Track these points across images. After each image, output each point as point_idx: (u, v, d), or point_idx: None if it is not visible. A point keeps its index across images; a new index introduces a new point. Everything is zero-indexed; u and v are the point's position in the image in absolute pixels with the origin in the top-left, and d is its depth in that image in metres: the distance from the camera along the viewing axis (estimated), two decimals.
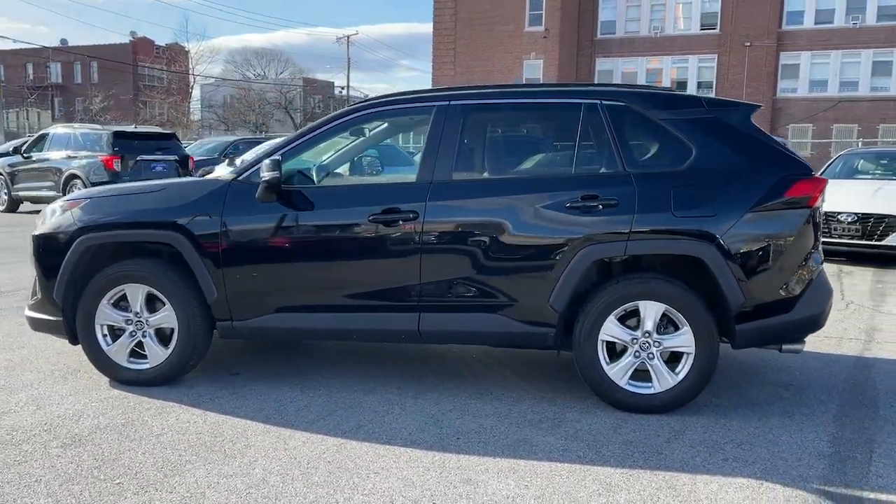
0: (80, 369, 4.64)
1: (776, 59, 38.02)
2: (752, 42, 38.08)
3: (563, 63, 40.64)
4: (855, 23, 36.56)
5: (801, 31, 37.71)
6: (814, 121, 37.84)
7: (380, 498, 3.00)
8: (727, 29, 38.70)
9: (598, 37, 42.02)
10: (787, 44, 37.91)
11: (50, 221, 4.42)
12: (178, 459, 3.35)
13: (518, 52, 40.94)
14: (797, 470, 3.27)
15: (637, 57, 41.26)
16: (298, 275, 4.15)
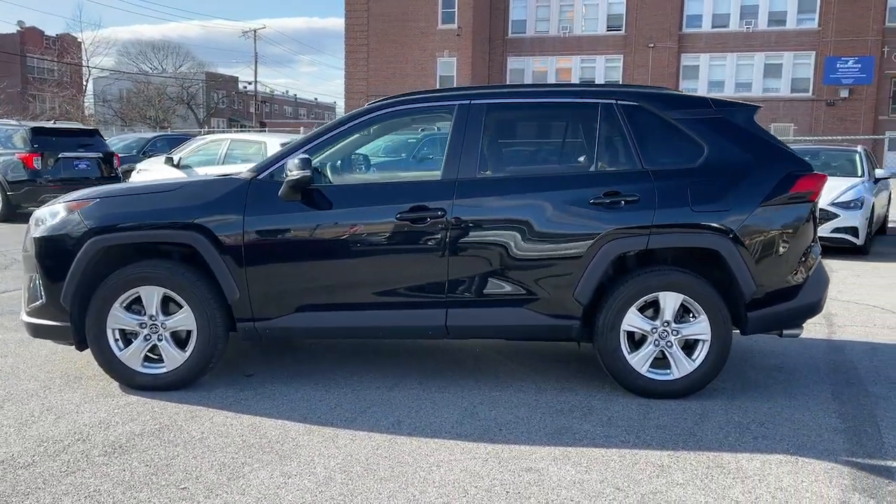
0: (80, 376, 4.47)
1: (678, 61, 39.75)
2: (655, 44, 39.67)
3: (477, 61, 41.14)
4: (748, 27, 38.66)
5: (700, 34, 39.57)
6: None
7: (453, 489, 3.07)
8: (632, 31, 40.17)
9: (509, 35, 42.72)
10: (688, 46, 39.70)
11: (53, 222, 4.23)
12: (233, 462, 3.31)
13: (432, 50, 41.15)
14: (822, 444, 3.55)
15: (547, 56, 42.23)
16: (323, 273, 4.14)
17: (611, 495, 3.02)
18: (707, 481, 3.15)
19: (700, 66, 39.68)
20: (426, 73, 41.29)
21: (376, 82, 42.02)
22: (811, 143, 18.16)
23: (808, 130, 36.92)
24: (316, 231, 4.12)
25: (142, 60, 63.47)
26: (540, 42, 42.24)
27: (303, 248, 4.13)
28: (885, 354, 5.14)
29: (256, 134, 11.95)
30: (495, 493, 3.04)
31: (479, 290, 4.12)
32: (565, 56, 41.83)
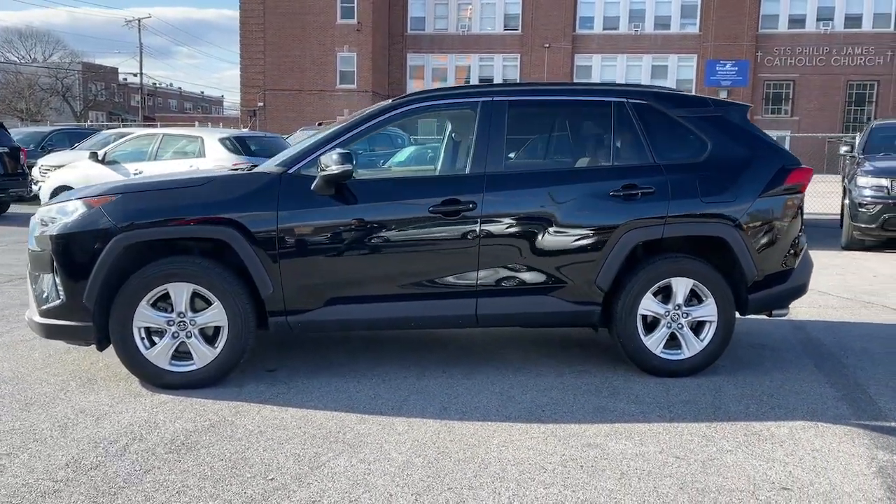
0: (93, 378, 4.34)
1: (572, 61, 41.19)
2: (550, 44, 40.96)
3: (377, 57, 41.10)
4: (636, 30, 40.59)
5: (592, 35, 41.18)
6: None
7: (530, 466, 3.25)
8: (528, 31, 41.29)
9: (408, 32, 42.93)
10: (581, 47, 41.23)
11: (71, 219, 4.08)
12: (306, 453, 3.35)
13: (331, 45, 40.75)
14: (830, 411, 3.96)
15: (447, 53, 42.73)
16: (356, 266, 4.21)
17: (674, 464, 3.28)
18: (751, 447, 3.47)
19: (593, 67, 41.27)
20: (326, 67, 40.88)
21: (274, 76, 41.25)
22: None
23: None
24: (349, 224, 4.18)
25: (8, 49, 59.34)
26: (440, 39, 42.68)
27: (336, 242, 4.18)
28: (840, 330, 5.70)
29: (193, 129, 11.60)
30: (570, 467, 3.24)
31: (508, 279, 4.30)
32: (464, 54, 42.48)
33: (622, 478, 3.14)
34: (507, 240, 4.28)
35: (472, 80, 42.35)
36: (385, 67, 42.78)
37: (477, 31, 42.33)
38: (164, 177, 4.59)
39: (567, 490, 3.02)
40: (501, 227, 4.26)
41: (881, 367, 4.74)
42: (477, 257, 4.25)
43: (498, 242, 4.26)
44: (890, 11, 38.04)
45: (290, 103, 41.38)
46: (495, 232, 4.25)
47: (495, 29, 42.24)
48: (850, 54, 38.48)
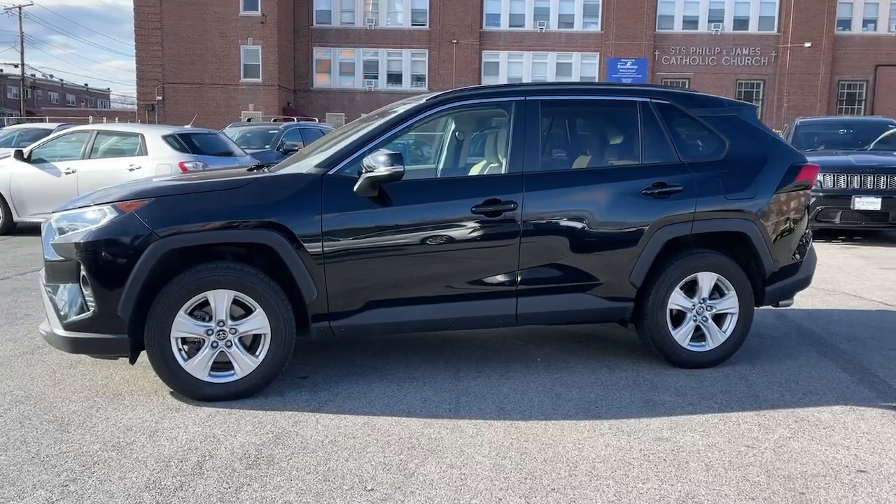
0: (118, 392, 4.10)
1: (480, 57, 41.65)
2: (458, 40, 41.24)
3: (283, 50, 40.24)
4: (541, 28, 41.46)
5: (499, 32, 41.76)
6: None
7: (616, 462, 3.31)
8: (436, 26, 41.41)
9: (314, 25, 42.22)
10: (488, 43, 41.73)
11: (100, 225, 3.82)
12: (391, 461, 3.28)
13: (234, 37, 39.58)
14: (856, 394, 4.22)
15: (354, 48, 42.31)
16: (399, 268, 4.14)
17: (749, 453, 3.42)
18: (808, 433, 3.66)
19: (500, 63, 41.87)
20: (229, 60, 39.67)
21: (173, 69, 39.69)
22: None
23: None
24: (393, 226, 4.11)
25: None
26: (346, 33, 42.19)
27: (380, 244, 4.10)
28: (819, 317, 6.06)
29: (131, 125, 10.99)
30: (654, 461, 3.32)
31: (547, 278, 4.35)
32: (372, 48, 42.17)
33: (709, 469, 3.24)
34: (547, 239, 4.32)
35: (379, 75, 42.19)
36: (291, 61, 41.93)
37: (384, 25, 42.11)
38: (192, 178, 4.35)
39: (665, 485, 3.10)
40: (541, 227, 4.30)
41: (875, 351, 5.08)
42: (517, 257, 4.27)
43: (538, 241, 4.30)
44: (774, 15, 40.43)
45: (191, 97, 39.94)
46: (535, 231, 4.29)
47: (403, 24, 42.15)
48: (739, 55, 40.68)
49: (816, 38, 39.56)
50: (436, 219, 4.18)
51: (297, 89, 42.76)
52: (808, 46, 39.61)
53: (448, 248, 4.21)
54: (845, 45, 40.10)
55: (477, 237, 4.23)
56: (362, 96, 42.47)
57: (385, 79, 42.43)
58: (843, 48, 40.07)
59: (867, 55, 40.01)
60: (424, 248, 4.17)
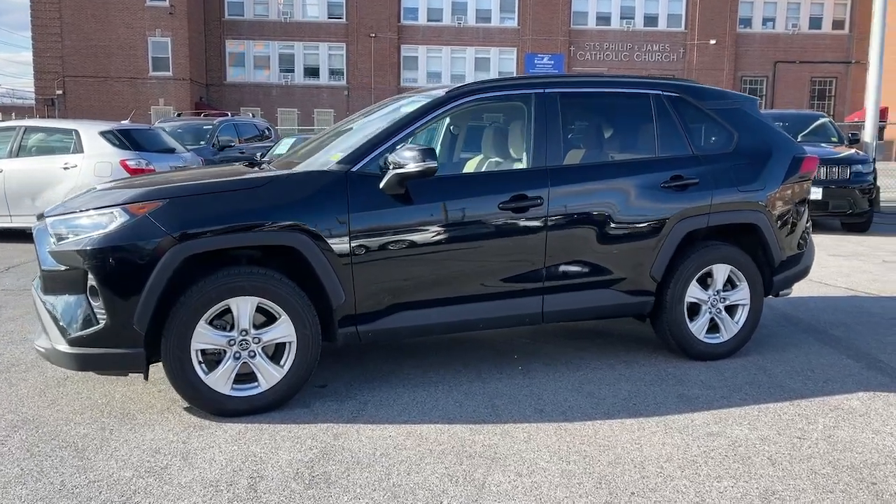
0: (126, 411, 3.76)
1: (398, 51, 41.39)
2: (376, 34, 40.86)
3: (194, 43, 38.88)
4: (459, 23, 41.57)
5: (417, 26, 41.61)
6: None
7: (682, 461, 3.25)
8: (353, 19, 40.90)
9: (226, 17, 40.94)
10: (407, 37, 41.52)
11: (109, 229, 3.48)
12: (454, 472, 3.12)
13: (140, 28, 37.94)
14: (870, 380, 4.32)
15: (269, 41, 41.29)
16: (428, 268, 3.97)
17: (799, 444, 3.43)
18: (846, 420, 3.71)
19: (419, 58, 41.76)
20: (136, 53, 38.00)
21: (75, 62, 37.71)
22: None
23: None
24: (422, 224, 3.93)
25: None
26: (260, 26, 41.11)
27: (409, 244, 3.91)
28: (804, 305, 6.22)
29: (63, 121, 10.23)
30: (717, 457, 3.29)
31: (573, 275, 4.26)
32: (287, 41, 41.25)
33: (774, 464, 3.23)
34: (572, 234, 4.23)
35: (296, 69, 41.31)
36: (203, 54, 40.54)
37: (300, 18, 41.27)
38: (205, 177, 4.01)
39: (740, 482, 3.06)
40: (567, 222, 4.21)
41: (867, 336, 5.25)
42: (544, 253, 4.17)
43: (563, 237, 4.21)
44: (681, 13, 41.89)
45: (96, 91, 38.08)
46: (561, 227, 4.19)
47: (318, 17, 41.40)
48: (650, 51, 41.97)
49: (720, 35, 41.25)
50: (463, 216, 4.02)
51: (210, 83, 41.38)
52: (713, 43, 41.25)
53: (475, 247, 4.06)
54: (747, 42, 41.98)
55: (504, 234, 4.10)
56: (279, 90, 41.53)
57: (302, 73, 41.60)
58: (745, 45, 41.94)
59: (767, 52, 42.02)
60: (452, 247, 4.00)
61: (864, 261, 8.43)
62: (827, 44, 42.02)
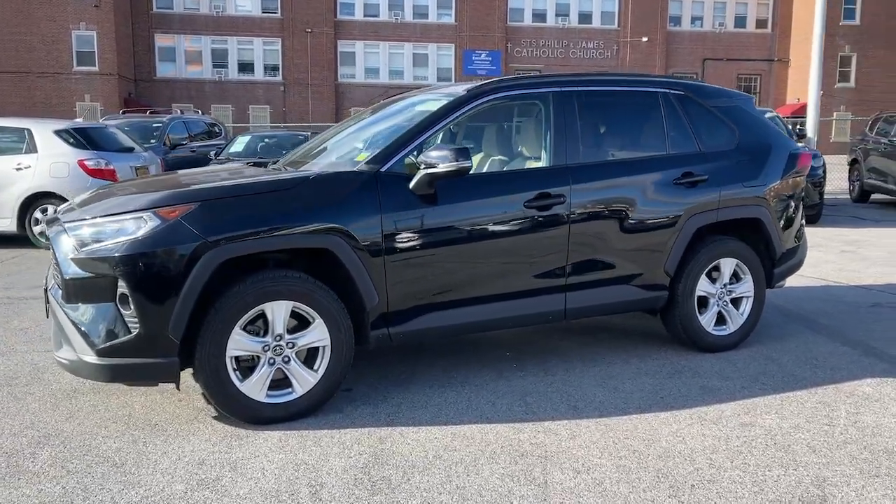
0: (151, 421, 3.63)
1: (335, 47, 40.89)
2: (312, 29, 40.26)
3: (122, 36, 37.55)
4: (397, 18, 41.35)
5: (354, 21, 41.19)
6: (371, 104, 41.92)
7: (725, 452, 3.33)
8: (288, 14, 40.17)
9: (154, 10, 39.66)
10: (344, 33, 41.05)
11: (139, 234, 3.33)
12: (513, 471, 3.13)
13: (64, 21, 36.39)
14: (873, 367, 4.51)
15: (200, 35, 40.20)
16: (457, 268, 3.95)
17: (830, 430, 3.56)
18: (867, 406, 3.87)
19: (356, 53, 41.36)
20: (60, 47, 36.44)
21: None
22: None
23: None
24: (451, 224, 3.91)
25: None
26: (190, 19, 39.96)
27: (440, 244, 3.88)
28: (786, 296, 6.39)
29: (14, 119, 9.71)
30: (759, 447, 3.38)
31: (594, 271, 4.31)
32: (220, 36, 40.26)
33: (815, 451, 3.34)
34: (593, 231, 4.28)
35: (229, 64, 40.41)
36: (131, 48, 39.19)
37: (233, 12, 40.28)
38: (232, 179, 3.87)
39: (790, 470, 3.15)
40: (589, 220, 4.25)
41: (854, 325, 5.48)
42: (567, 251, 4.20)
43: (585, 235, 4.25)
44: (614, 10, 42.72)
45: (15, 87, 36.40)
46: (582, 224, 4.23)
47: (252, 11, 40.53)
48: (585, 48, 42.66)
49: (652, 33, 42.26)
50: (491, 215, 4.01)
51: (139, 79, 40.04)
52: (646, 41, 42.23)
53: (502, 245, 4.06)
54: (677, 40, 43.13)
55: (529, 233, 4.11)
56: (212, 86, 40.50)
57: (236, 68, 40.67)
58: (676, 43, 43.08)
59: (696, 50, 43.26)
60: (480, 246, 4.00)
61: (824, 251, 8.78)
62: (751, 42, 43.56)
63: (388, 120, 4.48)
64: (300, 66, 40.56)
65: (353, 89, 41.36)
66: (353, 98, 41.14)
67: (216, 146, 13.83)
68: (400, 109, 4.58)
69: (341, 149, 4.42)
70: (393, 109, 4.69)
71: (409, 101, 4.68)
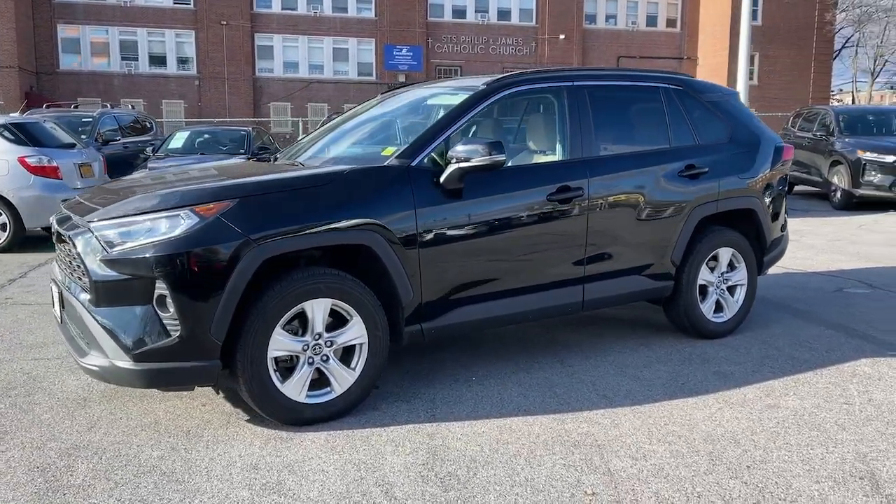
0: (183, 428, 3.48)
1: (252, 40, 39.92)
2: (228, 21, 39.16)
3: (22, 27, 35.56)
4: (316, 12, 40.70)
5: (272, 14, 40.30)
6: (291, 100, 41.19)
7: (766, 434, 3.45)
8: (202, 6, 38.92)
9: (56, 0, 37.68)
10: (261, 26, 40.12)
11: (177, 233, 3.18)
12: (572, 461, 3.16)
13: None
14: (864, 348, 4.76)
15: (107, 26, 38.47)
16: (487, 262, 3.96)
17: (848, 409, 3.75)
18: (872, 385, 4.09)
19: (274, 47, 40.49)
20: None
21: None
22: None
23: None
24: (483, 218, 3.91)
25: None
26: (97, 10, 38.18)
27: (469, 237, 3.87)
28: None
29: None
30: (792, 428, 3.52)
31: (609, 263, 4.39)
32: (129, 27, 38.64)
33: (844, 429, 3.51)
34: (608, 223, 4.35)
35: (140, 57, 38.86)
36: (31, 39, 37.14)
37: (142, 2, 38.73)
38: (262, 174, 3.72)
39: (831, 447, 3.30)
40: (604, 212, 4.32)
41: (827, 308, 5.77)
42: (585, 243, 4.27)
43: (600, 227, 4.32)
44: (532, 7, 43.39)
45: None
46: (600, 216, 4.30)
47: (163, 2, 39.08)
48: (505, 44, 43.15)
49: (569, 30, 43.15)
50: (517, 208, 4.03)
51: (41, 71, 37.99)
52: (563, 38, 43.09)
53: (527, 238, 4.09)
54: (593, 38, 44.20)
55: (552, 225, 4.15)
56: (121, 79, 38.85)
57: (147, 61, 39.13)
58: (592, 41, 44.15)
59: (611, 48, 44.45)
60: (508, 239, 4.01)
61: None
62: (662, 41, 45.09)
63: (401, 114, 4.43)
64: (216, 60, 39.39)
65: (272, 84, 40.53)
66: (272, 93, 40.34)
67: (149, 142, 13.28)
68: (411, 104, 4.54)
69: (354, 143, 4.33)
70: (401, 103, 4.64)
71: (417, 95, 4.64)
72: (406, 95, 4.79)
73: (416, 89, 4.78)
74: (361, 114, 4.97)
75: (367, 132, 4.57)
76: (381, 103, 4.90)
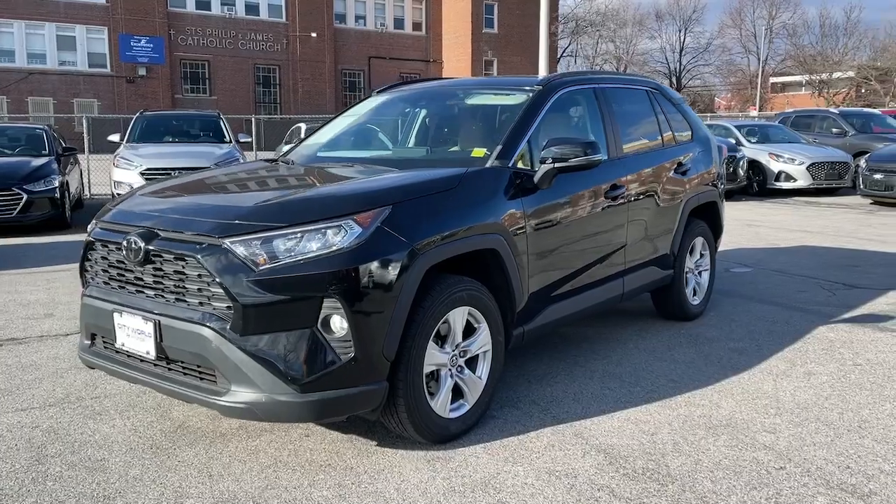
0: (304, 463, 3.09)
1: None
2: None
3: None
4: None
5: None
6: (7, 92, 36.20)
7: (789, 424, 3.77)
8: None
9: None
10: None
11: (346, 245, 2.81)
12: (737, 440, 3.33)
13: None
14: (819, 319, 5.43)
15: None
16: (570, 259, 4.00)
17: (856, 370, 4.32)
18: (859, 348, 4.72)
19: None
20: None
21: None
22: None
23: (111, 107, 37.28)
24: (569, 217, 3.94)
25: None
26: None
27: (560, 237, 3.88)
28: None
29: None
30: (826, 394, 3.89)
31: (640, 255, 4.62)
32: None
33: (864, 388, 4.01)
34: (641, 218, 4.59)
35: None
36: None
37: None
38: (394, 175, 3.32)
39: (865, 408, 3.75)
40: (637, 207, 4.54)
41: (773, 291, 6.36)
42: (626, 237, 4.45)
43: (636, 222, 4.53)
44: (281, 4, 42.51)
45: None
46: (634, 212, 4.51)
47: None
48: (254, 40, 41.82)
49: (320, 28, 42.98)
50: (589, 206, 4.12)
51: None
52: (315, 36, 42.80)
53: (598, 235, 4.21)
54: (344, 37, 44.49)
55: (609, 221, 4.29)
56: None
57: None
58: (343, 40, 44.41)
59: (363, 48, 45.10)
60: (585, 237, 4.10)
61: None
62: (410, 43, 46.72)
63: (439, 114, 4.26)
64: None
65: None
66: None
67: None
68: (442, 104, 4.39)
69: (424, 144, 4.09)
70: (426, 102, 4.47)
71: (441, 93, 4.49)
72: (420, 93, 4.62)
73: (425, 86, 4.63)
74: (363, 114, 4.69)
75: (406, 133, 4.33)
76: (388, 103, 4.66)
